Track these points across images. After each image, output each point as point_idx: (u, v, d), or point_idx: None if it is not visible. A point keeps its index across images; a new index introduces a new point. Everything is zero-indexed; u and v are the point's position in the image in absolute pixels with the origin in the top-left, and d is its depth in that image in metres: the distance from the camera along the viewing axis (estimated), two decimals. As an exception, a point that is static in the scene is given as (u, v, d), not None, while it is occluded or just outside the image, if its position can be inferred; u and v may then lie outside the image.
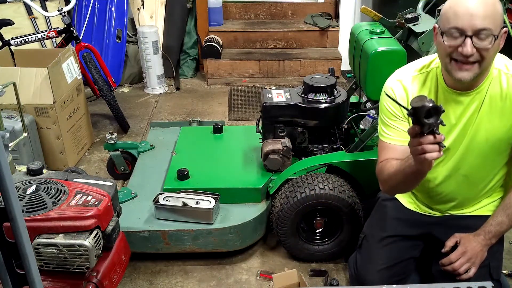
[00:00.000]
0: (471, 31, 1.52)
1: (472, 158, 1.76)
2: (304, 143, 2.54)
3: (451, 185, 1.83)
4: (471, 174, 1.80)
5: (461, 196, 1.85)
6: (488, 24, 1.51)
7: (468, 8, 1.51)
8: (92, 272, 1.72)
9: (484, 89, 1.66)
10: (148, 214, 2.35)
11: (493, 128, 1.70)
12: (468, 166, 1.78)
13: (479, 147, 1.73)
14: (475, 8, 1.50)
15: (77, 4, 4.24)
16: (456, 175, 1.80)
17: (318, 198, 2.23)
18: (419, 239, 1.97)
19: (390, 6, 4.04)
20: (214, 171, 2.57)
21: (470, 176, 1.80)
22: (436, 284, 1.25)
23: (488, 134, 1.71)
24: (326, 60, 4.63)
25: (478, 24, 1.50)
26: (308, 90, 2.50)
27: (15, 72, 2.99)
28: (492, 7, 1.52)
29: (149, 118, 3.97)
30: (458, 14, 1.53)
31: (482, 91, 1.66)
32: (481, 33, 1.51)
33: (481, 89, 1.66)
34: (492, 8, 1.52)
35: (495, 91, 1.66)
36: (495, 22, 1.52)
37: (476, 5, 1.51)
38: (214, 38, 4.64)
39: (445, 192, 1.85)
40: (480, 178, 1.81)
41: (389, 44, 2.32)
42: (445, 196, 1.87)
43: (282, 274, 2.17)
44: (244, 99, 4.30)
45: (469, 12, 1.51)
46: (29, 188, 1.73)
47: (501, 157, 1.77)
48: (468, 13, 1.51)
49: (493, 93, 1.66)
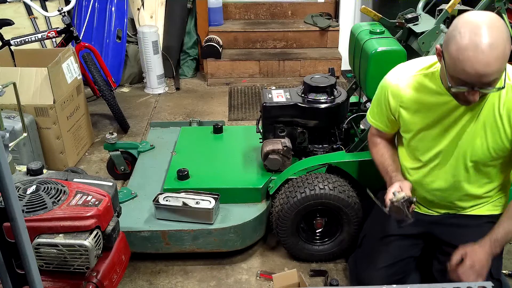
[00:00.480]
0: (480, 85, 1.47)
1: (468, 164, 1.75)
2: (304, 143, 2.55)
3: (448, 188, 1.82)
4: (467, 179, 1.79)
5: (458, 198, 1.85)
6: (497, 75, 1.45)
7: (477, 71, 1.42)
8: (92, 272, 1.72)
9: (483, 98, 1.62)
10: (148, 214, 2.35)
11: (490, 138, 1.68)
12: (464, 171, 1.77)
13: (476, 155, 1.71)
14: (484, 69, 1.41)
15: (77, 4, 4.24)
16: (452, 179, 1.80)
17: (318, 198, 2.22)
18: (419, 238, 1.97)
19: (390, 6, 4.05)
20: (214, 171, 2.57)
21: (467, 180, 1.79)
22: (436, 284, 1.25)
23: (483, 142, 1.68)
24: (326, 60, 4.63)
25: (487, 80, 1.45)
26: (308, 90, 2.50)
27: (15, 72, 2.99)
28: (501, 60, 1.43)
29: (149, 118, 3.97)
30: (466, 72, 1.44)
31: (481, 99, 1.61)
32: (488, 84, 1.47)
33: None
34: (502, 59, 1.43)
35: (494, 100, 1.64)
36: (503, 67, 1.46)
37: (485, 65, 1.41)
38: (214, 38, 4.64)
39: (443, 195, 1.85)
40: (477, 182, 1.80)
41: (389, 44, 2.32)
42: (443, 200, 1.86)
43: (282, 274, 2.17)
44: (244, 99, 4.30)
45: (480, 74, 1.43)
46: (29, 188, 1.73)
47: (498, 162, 1.75)
48: (479, 74, 1.43)
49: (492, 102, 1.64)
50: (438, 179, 1.82)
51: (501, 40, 1.42)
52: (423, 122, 1.77)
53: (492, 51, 1.40)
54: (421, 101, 1.74)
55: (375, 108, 1.92)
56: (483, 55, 1.40)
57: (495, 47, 1.40)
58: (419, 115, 1.77)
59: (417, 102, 1.75)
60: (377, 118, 1.93)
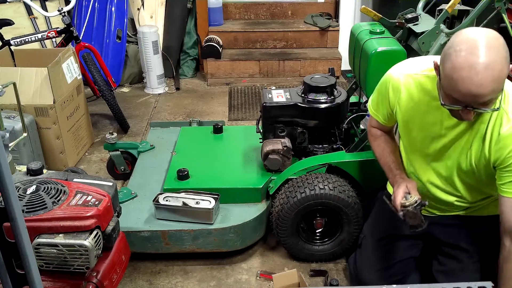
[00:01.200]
0: (474, 105, 1.43)
1: (464, 172, 1.72)
2: (304, 143, 2.55)
3: (447, 191, 1.81)
4: (465, 182, 1.76)
5: (457, 200, 1.84)
6: (492, 96, 1.40)
7: (471, 91, 1.38)
8: (92, 272, 1.72)
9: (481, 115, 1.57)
10: (148, 214, 2.35)
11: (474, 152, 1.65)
12: (462, 176, 1.75)
13: (471, 166, 1.68)
14: (478, 90, 1.37)
15: (77, 4, 4.24)
16: (450, 183, 1.78)
17: (318, 198, 2.22)
18: (419, 238, 1.97)
19: (390, 6, 4.05)
20: (214, 171, 2.57)
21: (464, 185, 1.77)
22: (436, 284, 1.25)
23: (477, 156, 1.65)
24: (326, 60, 4.62)
25: (481, 100, 1.40)
26: (308, 90, 2.50)
27: (15, 72, 2.98)
28: (497, 82, 1.37)
29: (149, 118, 3.97)
30: (459, 92, 1.41)
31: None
32: (483, 104, 1.42)
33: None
34: (498, 81, 1.38)
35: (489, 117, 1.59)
36: (500, 88, 1.40)
37: (479, 86, 1.36)
38: (214, 38, 4.64)
39: (441, 198, 1.84)
40: (475, 188, 1.78)
41: (389, 44, 2.32)
42: (442, 203, 1.86)
43: (282, 274, 2.17)
44: (244, 99, 4.30)
45: (473, 94, 1.38)
46: (29, 188, 1.73)
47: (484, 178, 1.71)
48: (472, 94, 1.39)
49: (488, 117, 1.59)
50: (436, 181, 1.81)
51: (499, 60, 1.36)
52: (416, 122, 1.75)
53: (487, 72, 1.35)
54: (418, 101, 1.72)
55: (376, 98, 1.92)
56: (477, 76, 1.35)
57: (492, 68, 1.35)
58: (414, 114, 1.75)
59: (414, 101, 1.73)
60: (377, 108, 1.91)
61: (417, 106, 1.73)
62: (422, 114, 1.72)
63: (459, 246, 1.86)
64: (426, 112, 1.71)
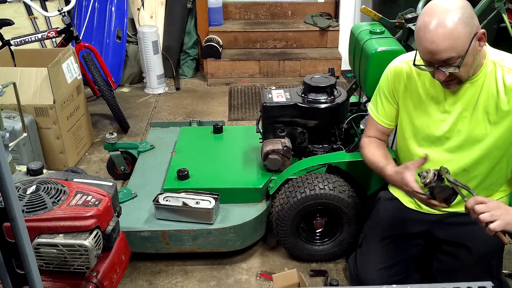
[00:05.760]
0: (436, 63, 1.58)
1: (470, 150, 1.75)
2: (304, 143, 2.54)
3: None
4: (470, 168, 1.78)
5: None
6: (450, 54, 1.54)
7: (427, 48, 1.56)
8: (92, 272, 1.72)
9: (480, 81, 1.67)
10: (148, 214, 2.35)
11: (492, 123, 1.69)
12: (467, 158, 1.76)
13: (478, 140, 1.73)
14: (433, 47, 1.53)
15: (77, 4, 4.24)
16: (455, 168, 1.77)
17: (318, 198, 2.22)
18: (420, 237, 1.97)
19: (390, 6, 4.05)
20: (214, 171, 2.57)
21: (469, 170, 1.78)
22: (436, 284, 1.25)
23: (487, 128, 1.70)
24: (326, 60, 4.62)
25: (439, 58, 1.55)
26: (308, 90, 2.50)
27: (15, 72, 2.99)
28: (449, 39, 1.52)
29: (149, 118, 3.97)
30: (421, 50, 1.59)
31: (477, 82, 1.68)
32: (445, 62, 1.56)
33: (475, 80, 1.68)
34: (450, 38, 1.52)
35: (491, 84, 1.67)
36: (457, 47, 1.53)
37: (433, 43, 1.53)
38: (214, 38, 4.64)
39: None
40: (480, 172, 1.79)
41: (389, 44, 2.32)
42: None
43: (282, 274, 2.17)
44: (244, 99, 4.30)
45: (429, 51, 1.56)
46: (29, 188, 1.73)
47: (502, 151, 1.74)
48: (428, 51, 1.56)
49: (489, 86, 1.67)
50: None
51: (451, 19, 1.50)
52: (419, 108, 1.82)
53: (438, 29, 1.51)
54: (418, 84, 1.81)
55: (377, 96, 1.97)
56: (429, 34, 1.53)
57: (442, 25, 1.51)
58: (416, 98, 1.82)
59: (414, 85, 1.82)
60: (378, 108, 1.96)
61: (417, 89, 1.81)
62: (423, 97, 1.80)
63: (460, 243, 1.86)
64: (426, 94, 1.79)
